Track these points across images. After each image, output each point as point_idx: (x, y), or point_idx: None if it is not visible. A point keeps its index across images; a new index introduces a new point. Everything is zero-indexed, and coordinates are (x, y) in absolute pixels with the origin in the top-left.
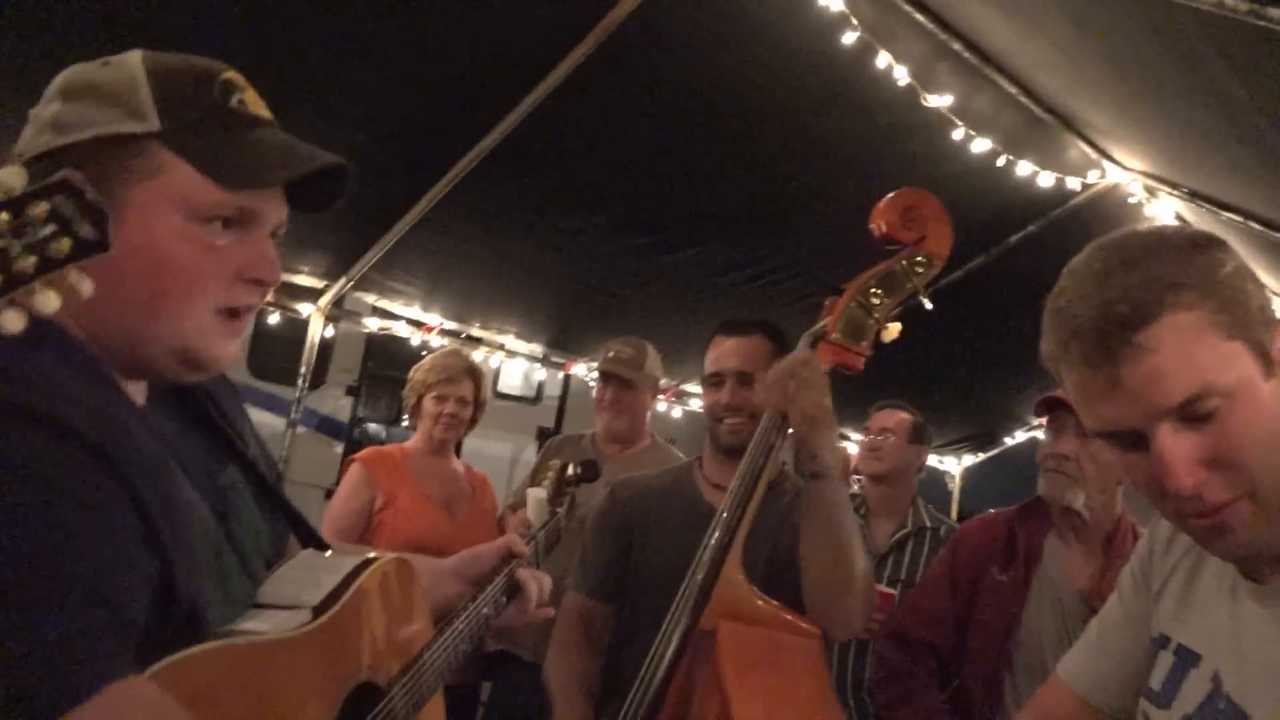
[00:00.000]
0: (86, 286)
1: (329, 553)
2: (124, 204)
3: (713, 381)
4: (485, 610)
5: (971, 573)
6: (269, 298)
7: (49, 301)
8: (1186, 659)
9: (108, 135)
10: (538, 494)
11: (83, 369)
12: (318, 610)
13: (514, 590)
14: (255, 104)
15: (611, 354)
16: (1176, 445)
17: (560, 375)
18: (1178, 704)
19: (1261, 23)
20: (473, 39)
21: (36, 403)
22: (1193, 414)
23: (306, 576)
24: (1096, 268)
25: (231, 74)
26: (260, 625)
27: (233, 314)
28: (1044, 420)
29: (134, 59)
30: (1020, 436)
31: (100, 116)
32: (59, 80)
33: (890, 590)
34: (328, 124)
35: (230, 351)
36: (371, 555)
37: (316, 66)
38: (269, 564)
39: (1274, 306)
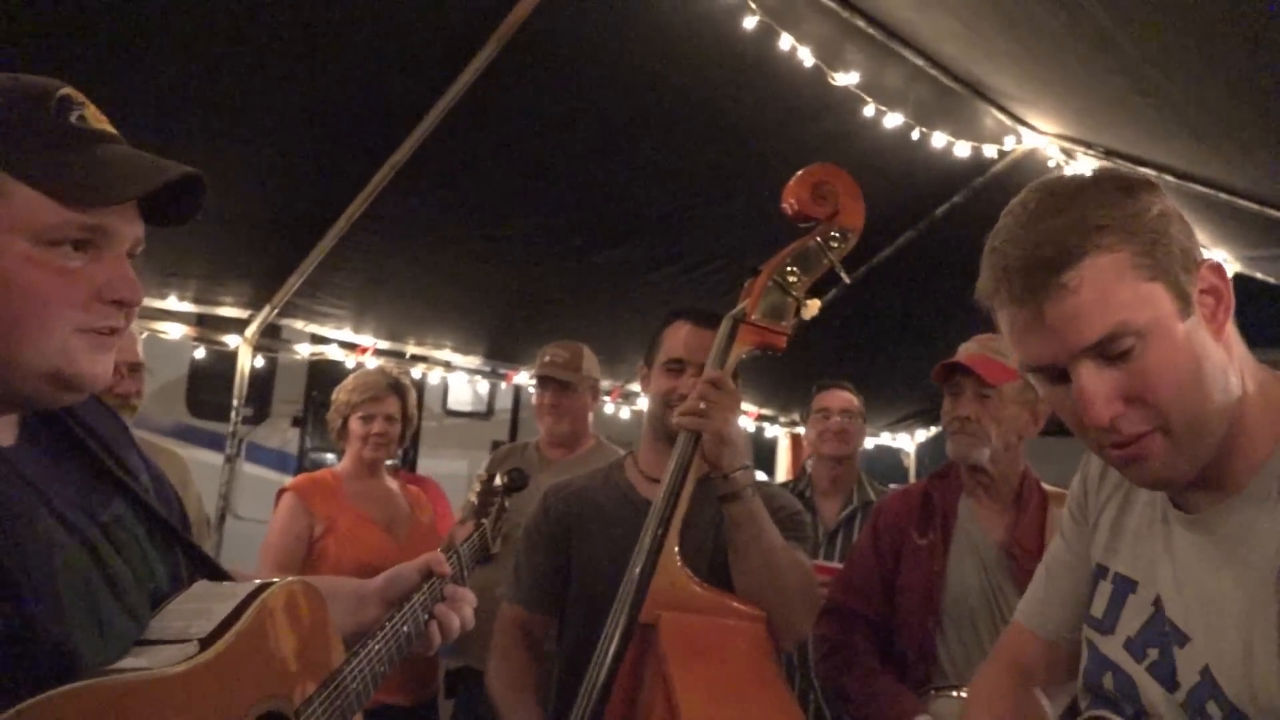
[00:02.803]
0: None
1: (226, 583)
2: None
3: (672, 367)
4: (405, 629)
5: (892, 540)
6: (192, 332)
7: None
8: (1123, 586)
9: None
10: None
11: None
12: (206, 641)
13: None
14: (96, 119)
15: (547, 358)
16: (1094, 381)
17: (504, 386)
18: (1120, 628)
19: None
20: (374, 51)
21: None
22: (1110, 351)
23: (197, 608)
24: (1031, 209)
25: (68, 90)
26: (140, 662)
27: (98, 332)
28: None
29: None
30: None
31: None
32: None
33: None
34: (234, 146)
35: (104, 368)
36: (267, 580)
37: (220, 89)
38: (161, 600)
39: (1196, 251)
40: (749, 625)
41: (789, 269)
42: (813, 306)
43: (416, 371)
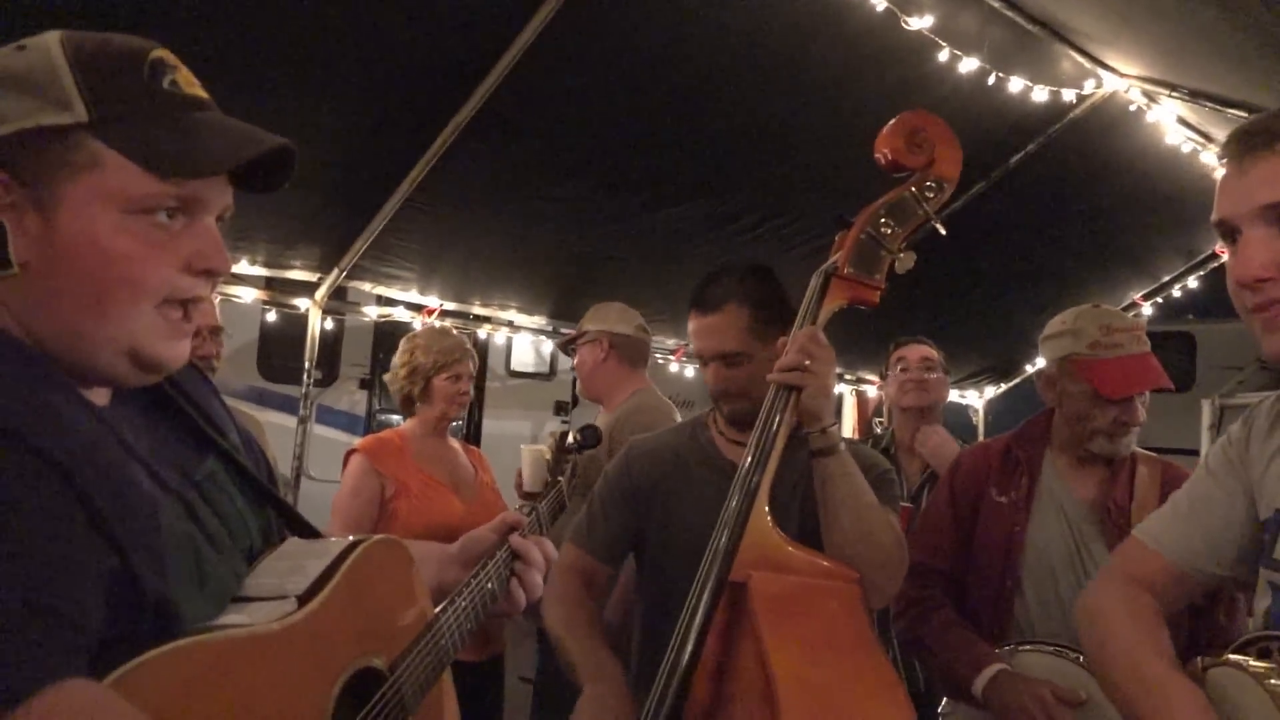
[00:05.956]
0: None
1: (317, 540)
2: (59, 200)
3: (699, 359)
4: (490, 585)
5: (970, 497)
6: (263, 295)
7: None
8: None
9: (32, 129)
10: (532, 450)
11: (27, 369)
12: (303, 598)
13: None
14: (189, 84)
15: None
16: (1258, 238)
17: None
18: None
19: None
20: (436, 10)
21: None
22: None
23: (291, 565)
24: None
25: (161, 52)
26: (241, 618)
27: (181, 306)
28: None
29: (51, 41)
30: (1040, 363)
31: (21, 108)
32: None
33: None
34: (301, 111)
35: (181, 351)
36: (359, 538)
37: (285, 52)
38: (255, 556)
39: None
40: (841, 585)
41: (882, 220)
42: (908, 259)
43: (481, 332)
